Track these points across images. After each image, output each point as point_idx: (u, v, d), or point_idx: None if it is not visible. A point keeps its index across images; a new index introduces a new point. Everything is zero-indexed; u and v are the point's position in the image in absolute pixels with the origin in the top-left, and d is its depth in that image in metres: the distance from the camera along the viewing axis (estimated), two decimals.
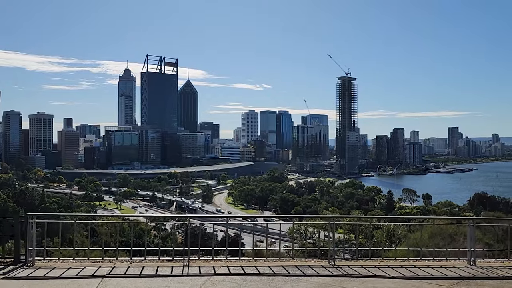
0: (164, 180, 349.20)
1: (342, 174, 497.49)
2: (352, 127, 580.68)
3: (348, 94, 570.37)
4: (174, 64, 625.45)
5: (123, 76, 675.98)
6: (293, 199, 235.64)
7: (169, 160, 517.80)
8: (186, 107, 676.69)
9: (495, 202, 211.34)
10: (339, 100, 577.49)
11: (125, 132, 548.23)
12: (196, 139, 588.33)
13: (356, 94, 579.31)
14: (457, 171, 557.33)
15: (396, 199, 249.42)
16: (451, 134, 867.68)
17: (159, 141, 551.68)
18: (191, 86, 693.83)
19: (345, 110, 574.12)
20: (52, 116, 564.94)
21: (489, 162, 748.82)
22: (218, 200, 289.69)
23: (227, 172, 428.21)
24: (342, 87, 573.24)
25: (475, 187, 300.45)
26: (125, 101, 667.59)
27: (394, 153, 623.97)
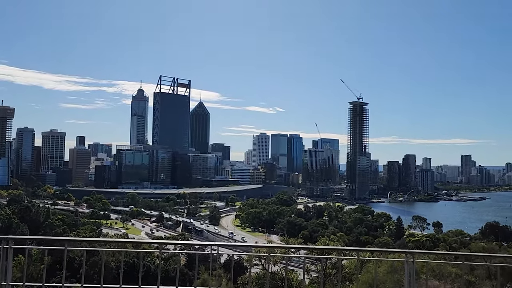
0: (173, 200, 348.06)
1: (352, 199, 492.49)
2: (363, 152, 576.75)
3: (359, 119, 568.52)
4: (187, 85, 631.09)
5: (136, 96, 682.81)
6: (301, 223, 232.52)
7: (179, 180, 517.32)
8: (198, 128, 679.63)
9: (507, 232, 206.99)
10: (351, 125, 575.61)
11: (136, 151, 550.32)
12: (206, 160, 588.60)
13: (367, 119, 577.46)
14: (470, 199, 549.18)
15: (406, 226, 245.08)
16: (464, 162, 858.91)
17: (169, 161, 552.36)
18: (203, 107, 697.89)
19: (356, 135, 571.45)
20: (65, 133, 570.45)
21: (503, 191, 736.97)
22: (225, 222, 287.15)
23: (236, 194, 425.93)
24: (354, 111, 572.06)
25: (487, 217, 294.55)
26: (138, 121, 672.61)
27: (406, 179, 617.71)
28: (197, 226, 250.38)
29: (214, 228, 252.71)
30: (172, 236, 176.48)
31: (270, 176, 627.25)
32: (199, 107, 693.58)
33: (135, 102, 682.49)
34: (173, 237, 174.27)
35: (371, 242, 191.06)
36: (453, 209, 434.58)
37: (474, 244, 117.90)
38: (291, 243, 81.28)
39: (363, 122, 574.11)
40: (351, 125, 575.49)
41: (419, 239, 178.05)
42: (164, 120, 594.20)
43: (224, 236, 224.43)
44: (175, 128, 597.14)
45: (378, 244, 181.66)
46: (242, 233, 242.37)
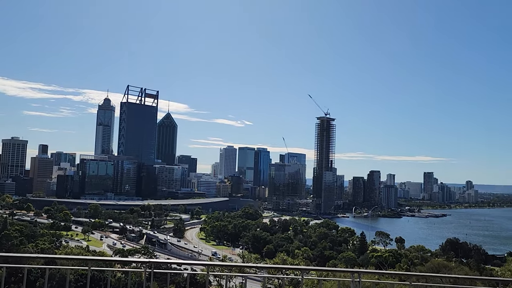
0: (137, 212, 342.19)
1: (317, 214, 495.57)
2: (329, 167, 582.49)
3: (326, 134, 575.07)
4: (155, 96, 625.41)
5: (103, 105, 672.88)
6: (266, 237, 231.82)
7: (144, 192, 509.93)
8: (165, 140, 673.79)
9: (466, 248, 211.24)
10: (318, 140, 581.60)
11: (101, 161, 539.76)
12: (172, 172, 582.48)
13: (334, 135, 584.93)
14: (431, 216, 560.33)
15: (369, 241, 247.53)
16: (426, 179, 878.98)
17: (135, 173, 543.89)
18: (170, 119, 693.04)
19: (323, 150, 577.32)
20: (27, 141, 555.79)
21: (463, 208, 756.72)
22: (189, 235, 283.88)
23: (202, 206, 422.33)
24: (321, 127, 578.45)
25: (447, 233, 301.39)
26: (103, 131, 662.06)
27: (370, 195, 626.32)
28: (161, 239, 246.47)
29: (178, 240, 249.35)
30: (135, 249, 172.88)
31: (237, 189, 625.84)
32: (166, 118, 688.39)
33: (101, 112, 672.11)
34: (136, 249, 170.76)
35: (335, 257, 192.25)
36: (416, 225, 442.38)
37: (433, 260, 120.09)
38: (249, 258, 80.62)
39: (330, 138, 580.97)
40: (318, 140, 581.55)
41: (381, 255, 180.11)
42: (131, 130, 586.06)
43: (188, 249, 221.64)
44: (142, 139, 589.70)
45: (342, 259, 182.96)
46: (206, 246, 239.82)
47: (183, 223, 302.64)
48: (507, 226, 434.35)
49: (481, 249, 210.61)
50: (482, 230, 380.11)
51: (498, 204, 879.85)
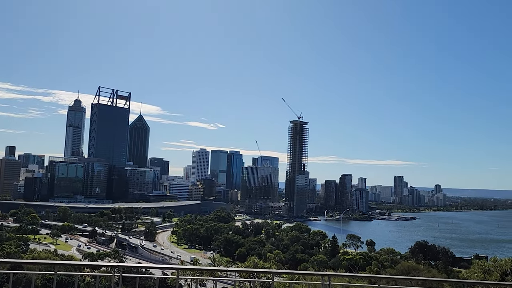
0: (107, 215, 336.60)
1: (290, 217, 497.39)
2: (302, 171, 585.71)
3: (299, 138, 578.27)
4: (127, 98, 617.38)
5: (73, 107, 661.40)
6: (238, 240, 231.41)
7: (115, 194, 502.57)
8: (137, 142, 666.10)
9: (435, 251, 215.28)
10: (291, 143, 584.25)
11: (70, 163, 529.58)
12: (144, 175, 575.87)
13: (307, 138, 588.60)
14: (401, 219, 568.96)
15: (341, 244, 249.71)
16: (396, 183, 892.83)
17: (105, 175, 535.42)
18: (143, 121, 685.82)
19: (295, 154, 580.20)
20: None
21: (432, 211, 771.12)
22: (161, 238, 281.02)
23: (174, 210, 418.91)
24: (294, 130, 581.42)
25: (416, 236, 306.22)
26: (73, 132, 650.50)
27: (342, 198, 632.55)
28: (131, 242, 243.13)
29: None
30: (105, 253, 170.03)
31: (209, 192, 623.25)
32: (138, 121, 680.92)
33: (72, 113, 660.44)
34: (106, 253, 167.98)
35: (306, 260, 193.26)
36: (386, 228, 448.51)
37: (403, 263, 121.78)
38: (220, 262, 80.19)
39: (303, 141, 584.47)
40: (291, 144, 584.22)
41: (352, 257, 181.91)
42: (102, 132, 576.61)
43: (159, 253, 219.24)
44: (113, 141, 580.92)
45: (313, 262, 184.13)
46: (178, 250, 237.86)
47: (154, 226, 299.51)
48: (474, 229, 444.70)
49: (449, 252, 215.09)
50: (450, 233, 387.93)
51: (465, 207, 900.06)
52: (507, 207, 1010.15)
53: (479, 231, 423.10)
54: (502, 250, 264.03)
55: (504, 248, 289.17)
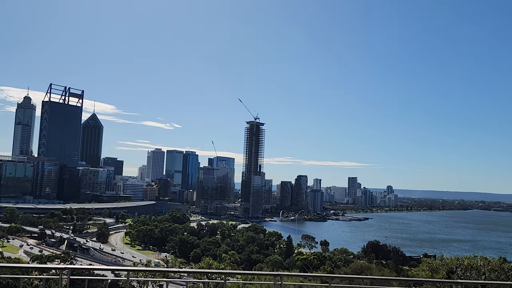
0: (58, 216, 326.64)
1: (245, 218, 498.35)
2: (258, 172, 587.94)
3: (255, 139, 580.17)
4: (80, 96, 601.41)
5: (22, 104, 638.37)
6: (193, 241, 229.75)
7: (66, 195, 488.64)
8: (89, 141, 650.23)
9: (386, 250, 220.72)
10: (247, 144, 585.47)
11: (19, 163, 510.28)
12: (97, 175, 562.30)
13: (263, 139, 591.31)
14: (355, 219, 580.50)
15: (296, 244, 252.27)
16: (350, 184, 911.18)
17: (56, 175, 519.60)
18: (96, 120, 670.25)
19: (252, 154, 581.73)
20: None
21: (384, 212, 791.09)
22: (114, 240, 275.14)
23: (128, 210, 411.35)
24: (250, 131, 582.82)
25: (368, 236, 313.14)
26: (22, 130, 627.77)
27: (297, 199, 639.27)
28: (83, 244, 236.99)
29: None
30: (54, 255, 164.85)
31: (164, 192, 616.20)
32: (91, 119, 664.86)
33: (20, 110, 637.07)
34: (56, 255, 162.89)
35: (262, 260, 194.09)
36: (340, 228, 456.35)
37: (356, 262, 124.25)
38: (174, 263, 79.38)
39: (259, 142, 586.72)
40: (247, 145, 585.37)
41: (307, 257, 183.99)
42: (53, 131, 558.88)
43: (112, 255, 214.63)
44: (64, 140, 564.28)
45: (268, 263, 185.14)
46: (131, 251, 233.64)
47: (107, 228, 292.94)
48: (423, 229, 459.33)
49: (400, 251, 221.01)
50: (401, 233, 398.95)
51: (415, 208, 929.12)
52: (454, 207, 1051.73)
53: (428, 231, 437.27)
54: (449, 249, 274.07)
55: (451, 247, 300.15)
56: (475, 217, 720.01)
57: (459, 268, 31.12)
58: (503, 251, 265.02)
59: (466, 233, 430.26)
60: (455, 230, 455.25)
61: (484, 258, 32.41)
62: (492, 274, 30.79)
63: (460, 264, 31.47)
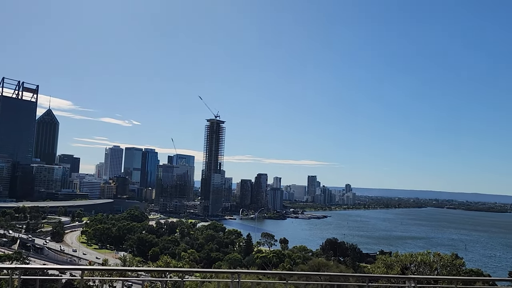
0: (10, 214, 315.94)
1: (205, 216, 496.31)
2: (218, 170, 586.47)
3: (216, 137, 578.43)
4: (35, 91, 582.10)
5: None
6: (152, 239, 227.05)
7: (19, 193, 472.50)
8: (44, 138, 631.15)
9: (344, 248, 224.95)
10: (207, 142, 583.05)
11: None
12: (52, 172, 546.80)
13: (223, 137, 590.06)
14: (314, 217, 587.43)
15: (255, 242, 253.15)
16: (310, 182, 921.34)
17: (8, 172, 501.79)
18: (51, 116, 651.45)
19: (212, 152, 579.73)
20: None
21: (342, 210, 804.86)
22: (70, 239, 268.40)
23: (84, 208, 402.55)
24: (211, 129, 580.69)
25: (327, 234, 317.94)
26: None
27: (257, 197, 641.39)
28: (36, 243, 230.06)
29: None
30: (6, 255, 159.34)
31: (122, 190, 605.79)
32: (47, 115, 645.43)
33: None
34: (7, 255, 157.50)
35: (221, 258, 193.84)
36: (299, 226, 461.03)
37: (314, 259, 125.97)
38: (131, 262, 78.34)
39: (219, 140, 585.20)
40: (207, 142, 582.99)
41: (266, 255, 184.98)
42: (5, 126, 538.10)
43: (67, 254, 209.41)
44: (17, 136, 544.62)
45: (228, 261, 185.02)
46: (88, 250, 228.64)
47: (62, 226, 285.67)
48: (380, 227, 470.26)
49: (357, 248, 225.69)
50: (358, 231, 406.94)
51: (373, 206, 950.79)
52: (409, 205, 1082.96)
53: (384, 229, 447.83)
54: (404, 246, 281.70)
55: (406, 244, 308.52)
56: (429, 215, 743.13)
57: (412, 264, 32.02)
58: (455, 248, 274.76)
59: (420, 230, 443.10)
60: (410, 228, 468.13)
61: (437, 254, 33.43)
62: (444, 270, 31.83)
63: (414, 260, 32.36)
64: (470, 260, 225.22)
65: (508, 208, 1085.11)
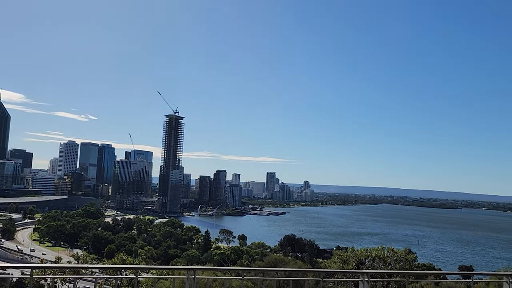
0: None
1: (163, 213, 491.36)
2: (176, 166, 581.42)
3: (174, 133, 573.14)
4: None
5: None
6: (108, 236, 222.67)
7: None
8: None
9: (301, 244, 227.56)
10: (165, 138, 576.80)
11: None
12: (3, 168, 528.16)
13: (182, 133, 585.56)
14: (272, 214, 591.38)
15: (214, 239, 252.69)
16: (269, 179, 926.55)
17: None
18: (2, 109, 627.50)
19: (170, 148, 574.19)
20: None
21: (300, 206, 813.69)
22: (21, 236, 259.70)
23: (37, 205, 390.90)
24: (169, 125, 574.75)
25: (285, 230, 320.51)
26: None
27: (216, 194, 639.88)
28: None
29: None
30: None
31: (77, 186, 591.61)
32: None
33: None
34: None
35: (179, 255, 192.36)
36: (257, 222, 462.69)
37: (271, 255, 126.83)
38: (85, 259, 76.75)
39: (178, 136, 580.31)
40: (166, 138, 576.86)
41: (224, 252, 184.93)
42: None
43: (19, 252, 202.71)
44: None
45: (185, 258, 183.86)
46: (40, 248, 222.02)
47: (13, 223, 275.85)
48: (337, 223, 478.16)
49: (314, 244, 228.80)
50: (316, 227, 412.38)
51: (330, 202, 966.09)
52: (365, 202, 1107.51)
53: (341, 225, 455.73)
54: (360, 242, 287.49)
55: (362, 239, 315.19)
56: (384, 211, 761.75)
57: (367, 259, 32.72)
58: (409, 243, 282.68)
59: (376, 226, 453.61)
60: (366, 224, 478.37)
61: (390, 249, 34.26)
62: (397, 264, 32.70)
63: (368, 255, 33.08)
64: (422, 255, 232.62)
65: (459, 205, 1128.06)
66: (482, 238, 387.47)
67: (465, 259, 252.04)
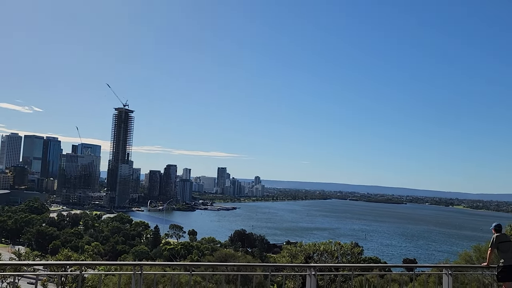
0: None
1: (111, 208, 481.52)
2: (126, 160, 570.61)
3: (124, 126, 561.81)
4: None
5: None
6: (53, 232, 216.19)
7: None
8: None
9: (252, 239, 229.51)
10: (114, 131, 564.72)
11: None
12: None
13: (132, 127, 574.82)
14: (223, 209, 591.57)
15: (163, 234, 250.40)
16: (220, 174, 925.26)
17: None
18: None
19: (119, 142, 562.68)
20: None
21: (251, 201, 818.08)
22: None
23: None
24: (119, 118, 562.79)
25: (235, 225, 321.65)
26: None
27: (166, 188, 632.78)
28: None
29: None
30: None
31: (20, 181, 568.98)
32: None
33: None
34: None
35: (127, 251, 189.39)
36: (208, 218, 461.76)
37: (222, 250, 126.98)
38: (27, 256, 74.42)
39: (128, 130, 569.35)
40: (115, 132, 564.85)
41: (174, 247, 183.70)
42: None
43: None
44: None
45: (134, 253, 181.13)
46: None
47: None
48: (287, 218, 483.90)
49: (264, 239, 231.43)
50: (267, 222, 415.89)
51: (281, 197, 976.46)
52: (315, 197, 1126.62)
53: (291, 220, 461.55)
54: (309, 237, 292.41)
55: (311, 234, 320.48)
56: (333, 206, 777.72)
57: (315, 253, 33.36)
58: (356, 237, 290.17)
59: (325, 221, 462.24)
60: (316, 219, 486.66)
61: (337, 243, 35.07)
62: (344, 258, 33.55)
63: (316, 249, 33.74)
64: (369, 248, 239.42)
65: (404, 200, 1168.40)
66: (425, 232, 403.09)
67: (409, 252, 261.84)
